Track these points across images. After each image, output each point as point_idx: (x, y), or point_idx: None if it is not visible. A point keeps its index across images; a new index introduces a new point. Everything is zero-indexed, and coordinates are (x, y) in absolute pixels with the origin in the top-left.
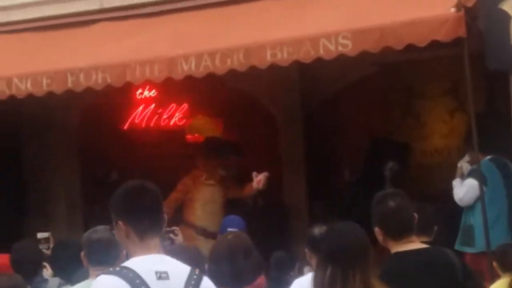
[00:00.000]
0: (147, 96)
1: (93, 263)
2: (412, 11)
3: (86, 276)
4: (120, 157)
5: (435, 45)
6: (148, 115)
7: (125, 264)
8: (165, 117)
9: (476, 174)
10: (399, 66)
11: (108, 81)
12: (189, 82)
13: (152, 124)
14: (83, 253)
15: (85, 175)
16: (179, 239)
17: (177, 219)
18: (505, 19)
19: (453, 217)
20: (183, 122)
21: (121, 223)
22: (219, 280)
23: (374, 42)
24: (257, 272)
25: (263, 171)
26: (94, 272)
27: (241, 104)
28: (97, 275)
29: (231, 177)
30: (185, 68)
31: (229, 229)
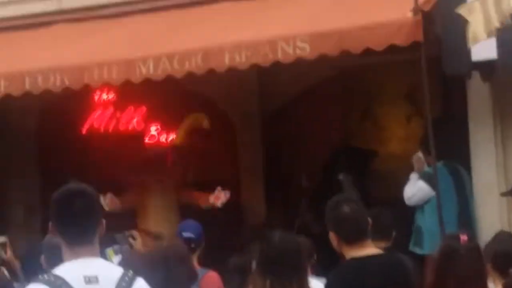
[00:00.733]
0: (106, 99)
1: (52, 267)
2: (370, 15)
3: None
4: (79, 161)
5: (393, 49)
6: (106, 119)
7: (55, 270)
8: (123, 121)
9: (426, 177)
10: (357, 70)
11: (66, 83)
12: (148, 85)
13: (110, 127)
14: (43, 257)
15: (44, 179)
16: (138, 243)
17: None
18: (462, 23)
19: (411, 222)
20: (142, 127)
21: (51, 226)
22: (152, 286)
23: (332, 45)
24: (191, 280)
25: (224, 182)
26: None
27: (200, 108)
28: None
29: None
30: (143, 70)
31: (184, 234)
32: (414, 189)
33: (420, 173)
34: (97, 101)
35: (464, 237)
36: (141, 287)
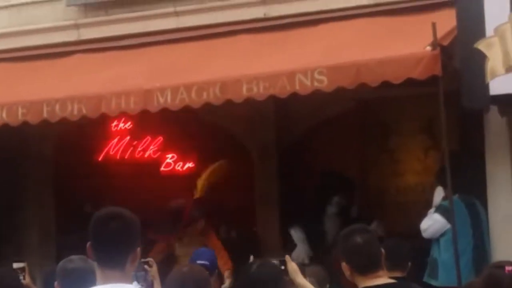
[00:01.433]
0: (122, 128)
1: None
2: (388, 49)
3: None
4: (94, 188)
5: (411, 82)
6: (123, 147)
7: None
8: (139, 149)
9: (442, 209)
10: (375, 102)
11: (83, 112)
12: (165, 115)
13: (126, 156)
14: (56, 283)
15: (59, 205)
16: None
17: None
18: (481, 58)
19: (427, 254)
20: (158, 154)
21: (88, 246)
22: None
23: (349, 78)
24: None
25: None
26: None
27: (216, 138)
28: None
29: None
30: (161, 100)
31: (199, 261)
32: (429, 221)
33: (436, 206)
34: (114, 129)
35: (509, 268)
36: None
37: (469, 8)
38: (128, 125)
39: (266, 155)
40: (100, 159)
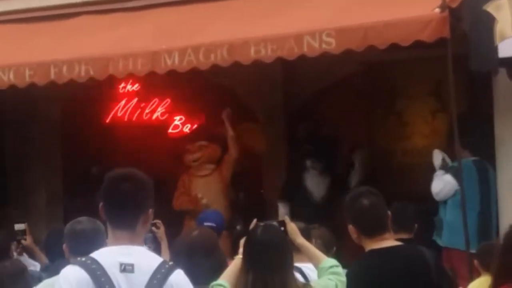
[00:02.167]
0: (130, 90)
1: (75, 254)
2: (397, 11)
3: None
4: (101, 150)
5: (419, 45)
6: (130, 109)
7: (93, 254)
8: (147, 111)
9: (453, 171)
10: (383, 65)
11: (91, 73)
12: (172, 77)
13: (134, 118)
14: (65, 245)
15: (67, 167)
16: (161, 232)
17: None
18: (490, 20)
19: (434, 216)
20: (165, 116)
21: (100, 207)
22: None
23: (358, 40)
24: (217, 273)
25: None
26: None
27: (224, 100)
28: None
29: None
30: (169, 62)
31: (206, 224)
32: (441, 184)
33: (447, 167)
34: (121, 91)
35: None
36: (178, 280)
37: None
38: (135, 87)
39: (273, 118)
40: (107, 121)
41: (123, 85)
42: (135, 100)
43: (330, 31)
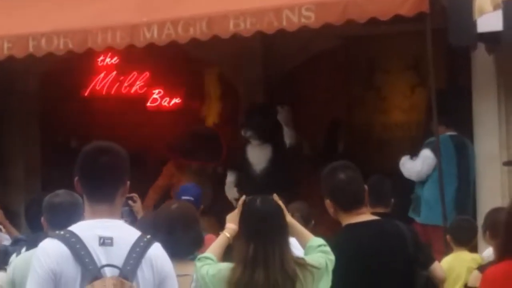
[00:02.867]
0: (109, 63)
1: (54, 227)
2: None
3: None
4: (80, 123)
5: (398, 19)
6: (109, 82)
7: (71, 227)
8: (126, 85)
9: (432, 145)
10: (362, 40)
11: (69, 46)
12: (152, 50)
13: (113, 91)
14: (43, 218)
15: (45, 140)
16: (137, 206)
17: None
18: None
19: (411, 191)
20: (144, 90)
21: (76, 180)
22: None
23: (337, 14)
24: (196, 246)
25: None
26: None
27: (203, 74)
28: None
29: None
30: (147, 35)
31: (184, 197)
32: (419, 161)
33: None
34: (100, 64)
35: None
36: (156, 254)
37: None
38: (114, 60)
39: (253, 92)
40: (86, 94)
41: (102, 58)
42: (114, 73)
43: (309, 5)
